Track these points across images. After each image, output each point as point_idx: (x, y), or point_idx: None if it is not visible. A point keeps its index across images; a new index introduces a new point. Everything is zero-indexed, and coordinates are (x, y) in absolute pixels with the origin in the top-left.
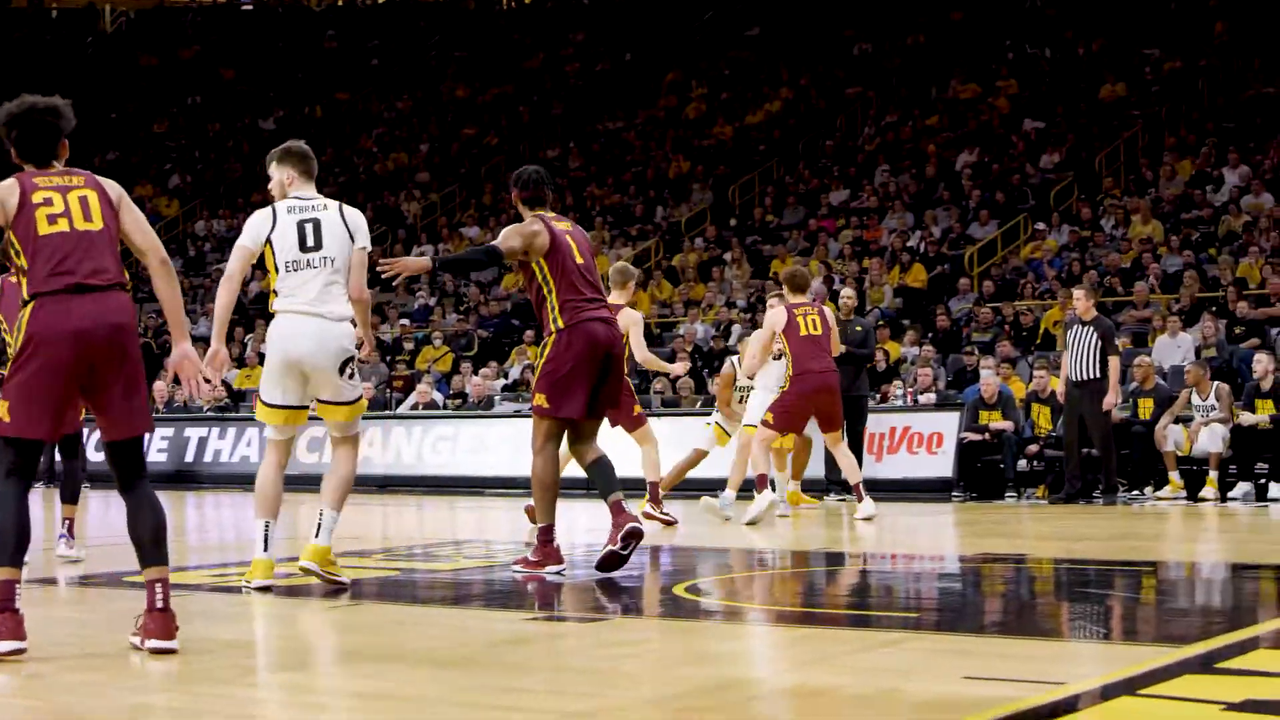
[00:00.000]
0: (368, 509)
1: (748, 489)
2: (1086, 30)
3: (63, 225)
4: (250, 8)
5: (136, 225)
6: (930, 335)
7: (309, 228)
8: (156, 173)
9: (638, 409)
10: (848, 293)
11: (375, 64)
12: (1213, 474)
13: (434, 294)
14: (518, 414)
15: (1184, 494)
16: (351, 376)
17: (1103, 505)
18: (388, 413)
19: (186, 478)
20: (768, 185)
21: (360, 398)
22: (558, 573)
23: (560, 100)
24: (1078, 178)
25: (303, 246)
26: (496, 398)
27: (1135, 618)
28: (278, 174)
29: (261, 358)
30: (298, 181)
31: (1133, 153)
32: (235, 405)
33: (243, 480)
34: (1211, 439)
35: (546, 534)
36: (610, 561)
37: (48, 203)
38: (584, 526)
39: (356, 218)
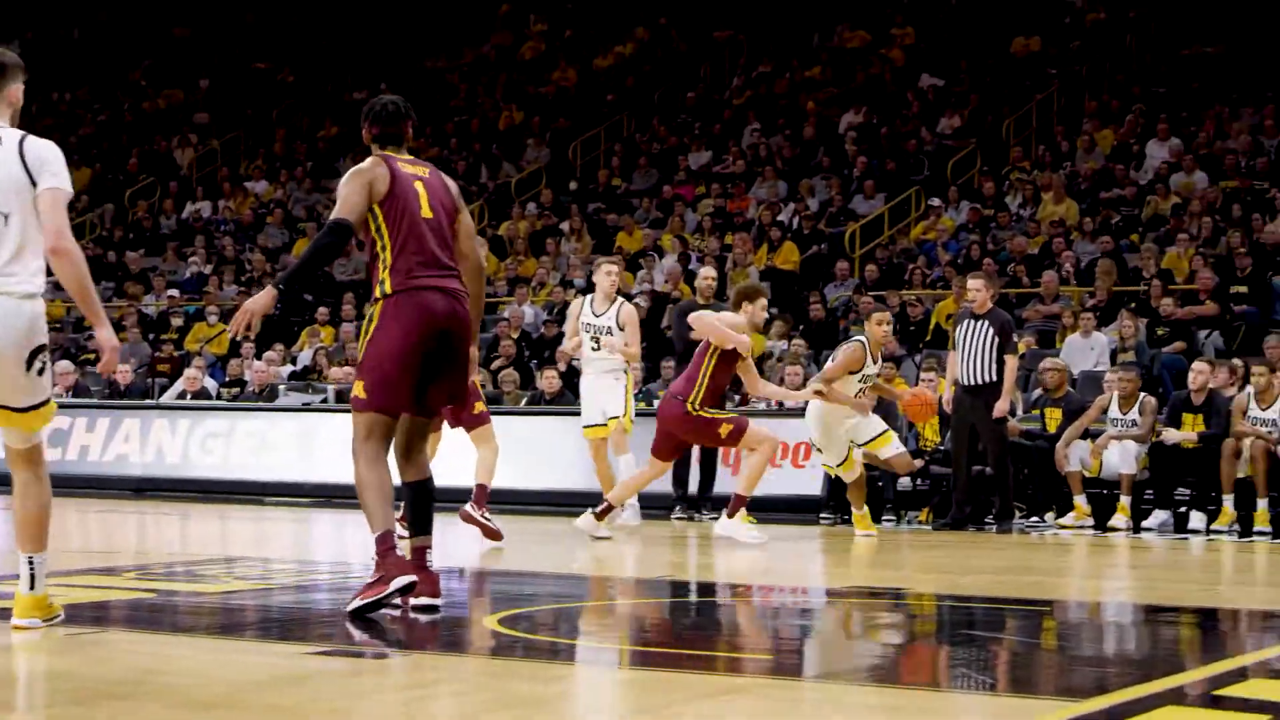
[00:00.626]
0: (121, 516)
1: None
2: None
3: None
4: None
5: None
6: (802, 327)
7: None
8: None
9: (480, 406)
10: (707, 273)
11: None
12: (1124, 499)
13: (209, 260)
14: (306, 407)
15: (1090, 522)
16: (41, 372)
17: (996, 533)
18: (148, 402)
19: None
20: (615, 143)
21: (49, 400)
22: (408, 585)
23: (371, 32)
24: (981, 146)
25: None
26: (282, 387)
27: (1028, 666)
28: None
29: None
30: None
31: (1046, 119)
32: None
33: None
34: (1124, 459)
35: (384, 542)
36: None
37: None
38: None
39: (41, 150)
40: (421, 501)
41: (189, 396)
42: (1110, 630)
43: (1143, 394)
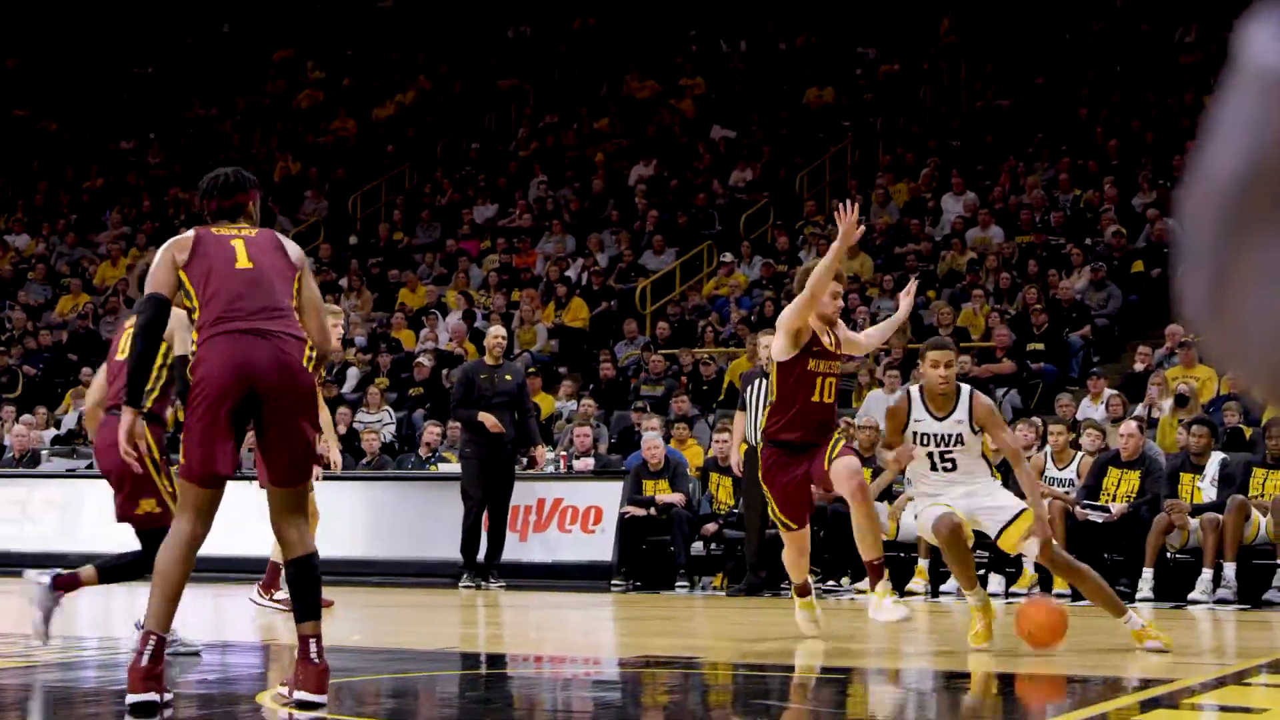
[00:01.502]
0: None
1: None
2: (789, 23)
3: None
4: None
5: None
6: (591, 387)
7: None
8: None
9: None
10: (497, 331)
11: None
12: (922, 563)
13: None
14: (71, 473)
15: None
16: None
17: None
18: None
19: None
20: (397, 195)
21: None
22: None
23: (140, 80)
24: (774, 200)
25: None
26: (44, 452)
27: None
28: None
29: None
30: None
31: (840, 172)
32: None
33: None
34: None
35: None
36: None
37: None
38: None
39: None
40: (305, 578)
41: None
42: (912, 698)
43: None
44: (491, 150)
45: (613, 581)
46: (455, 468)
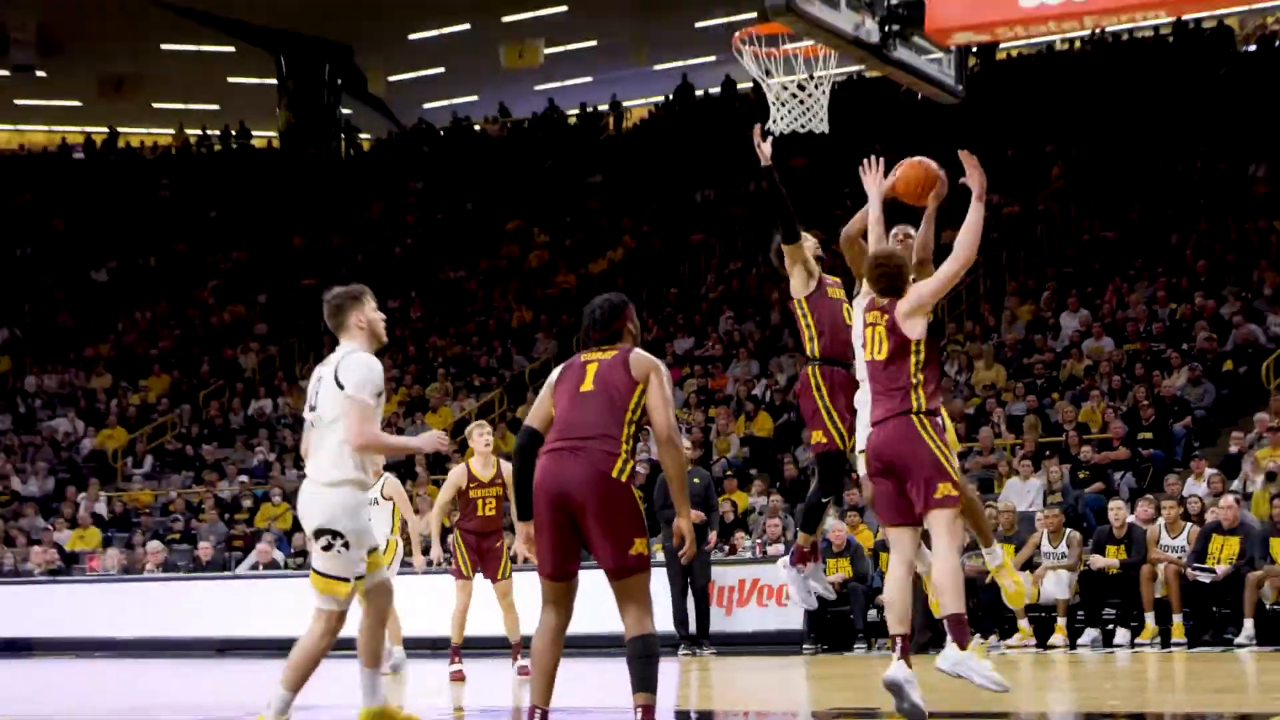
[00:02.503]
0: (202, 673)
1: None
2: None
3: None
4: (82, 156)
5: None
6: (778, 484)
7: (317, 386)
8: None
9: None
10: (685, 444)
11: (211, 214)
12: (1060, 620)
13: (273, 448)
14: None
15: (1033, 641)
16: (327, 548)
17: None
18: (225, 573)
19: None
20: None
21: (339, 578)
22: None
23: (401, 249)
24: None
25: (310, 408)
26: None
27: None
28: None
29: (95, 519)
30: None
31: (974, 297)
32: (68, 568)
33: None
34: (1058, 585)
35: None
36: None
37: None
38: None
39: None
40: (636, 659)
41: (261, 567)
42: None
43: (1068, 529)
44: (686, 293)
45: (803, 646)
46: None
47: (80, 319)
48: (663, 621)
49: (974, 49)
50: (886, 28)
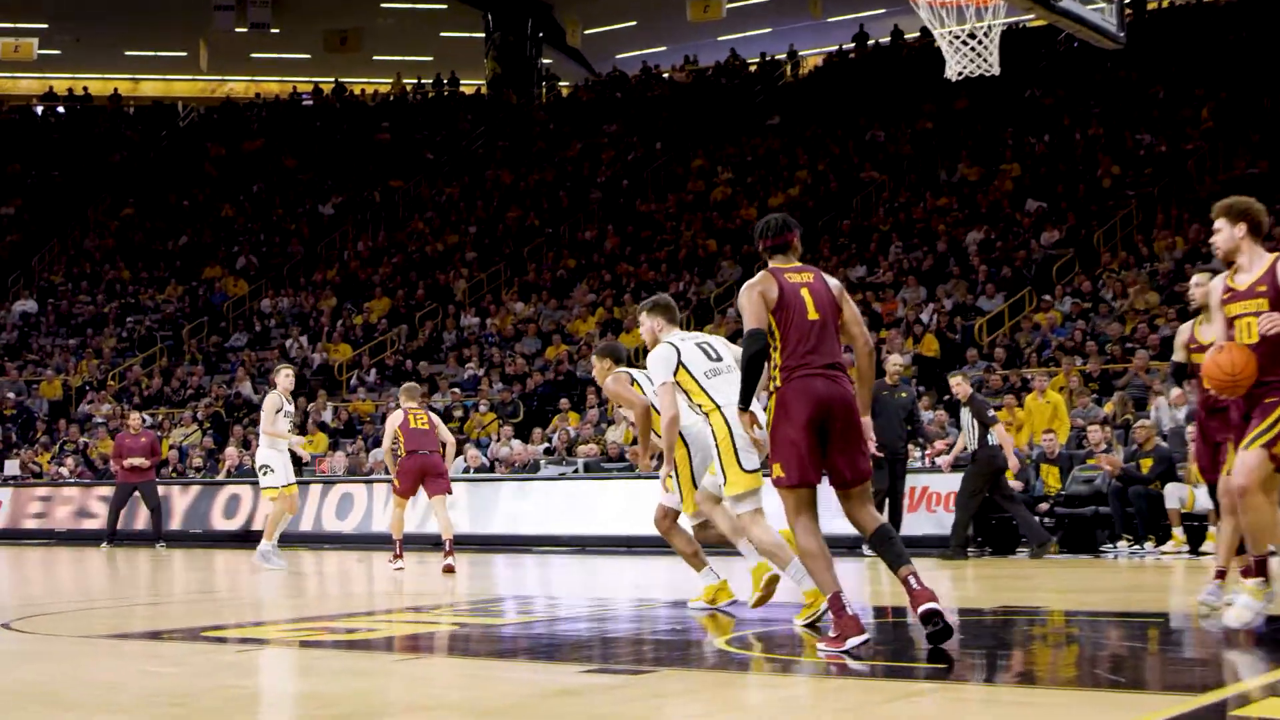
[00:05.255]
0: (427, 565)
1: None
2: (1082, 118)
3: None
4: (310, 103)
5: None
6: (943, 400)
7: (706, 347)
8: (225, 255)
9: None
10: (895, 360)
11: (426, 154)
12: (1213, 529)
13: (481, 364)
14: (562, 476)
15: (1186, 548)
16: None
17: (1112, 560)
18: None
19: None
20: None
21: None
22: (861, 643)
23: (597, 186)
24: (1078, 253)
25: (711, 360)
26: (541, 461)
27: (1151, 667)
28: (649, 321)
29: (322, 427)
30: (666, 327)
31: (1129, 229)
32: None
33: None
34: (1210, 496)
35: (836, 603)
36: (934, 637)
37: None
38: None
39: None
40: (886, 544)
41: (471, 471)
42: (1214, 638)
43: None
44: (858, 225)
45: (968, 549)
46: None
47: (309, 248)
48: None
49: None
50: None
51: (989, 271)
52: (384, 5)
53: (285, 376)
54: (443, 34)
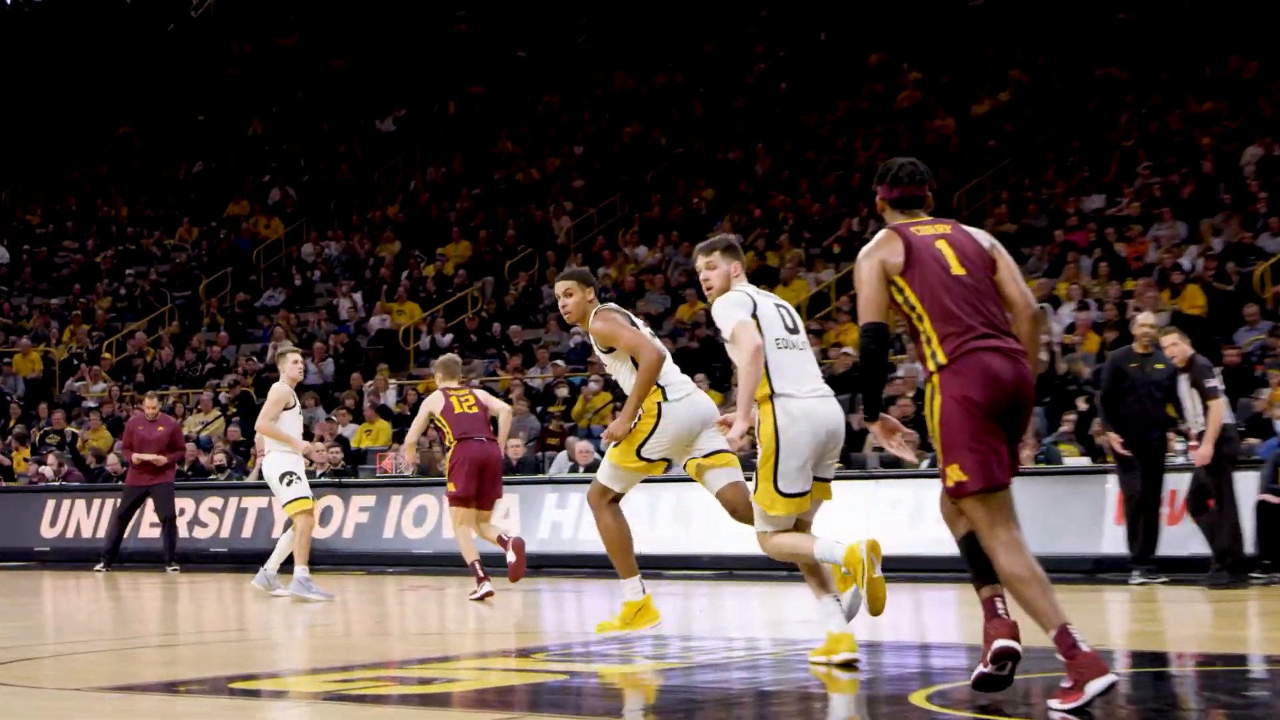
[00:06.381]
0: (516, 594)
1: None
2: None
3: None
4: None
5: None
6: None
7: (783, 312)
8: (253, 185)
9: None
10: (1145, 319)
11: (517, 52)
12: None
13: None
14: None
15: None
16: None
17: None
18: (539, 476)
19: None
20: (1001, 190)
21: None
22: (1106, 688)
23: (742, 90)
24: None
25: (787, 329)
26: None
27: None
28: (724, 264)
29: (382, 412)
30: (741, 276)
31: None
32: (354, 469)
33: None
34: None
35: (1066, 640)
36: (984, 683)
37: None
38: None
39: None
40: (979, 550)
41: (581, 469)
42: None
43: None
44: (1094, 140)
45: (1252, 574)
46: (1079, 461)
47: (364, 175)
48: (1074, 541)
49: None
50: None
51: (1272, 200)
52: None
53: (294, 364)
54: None
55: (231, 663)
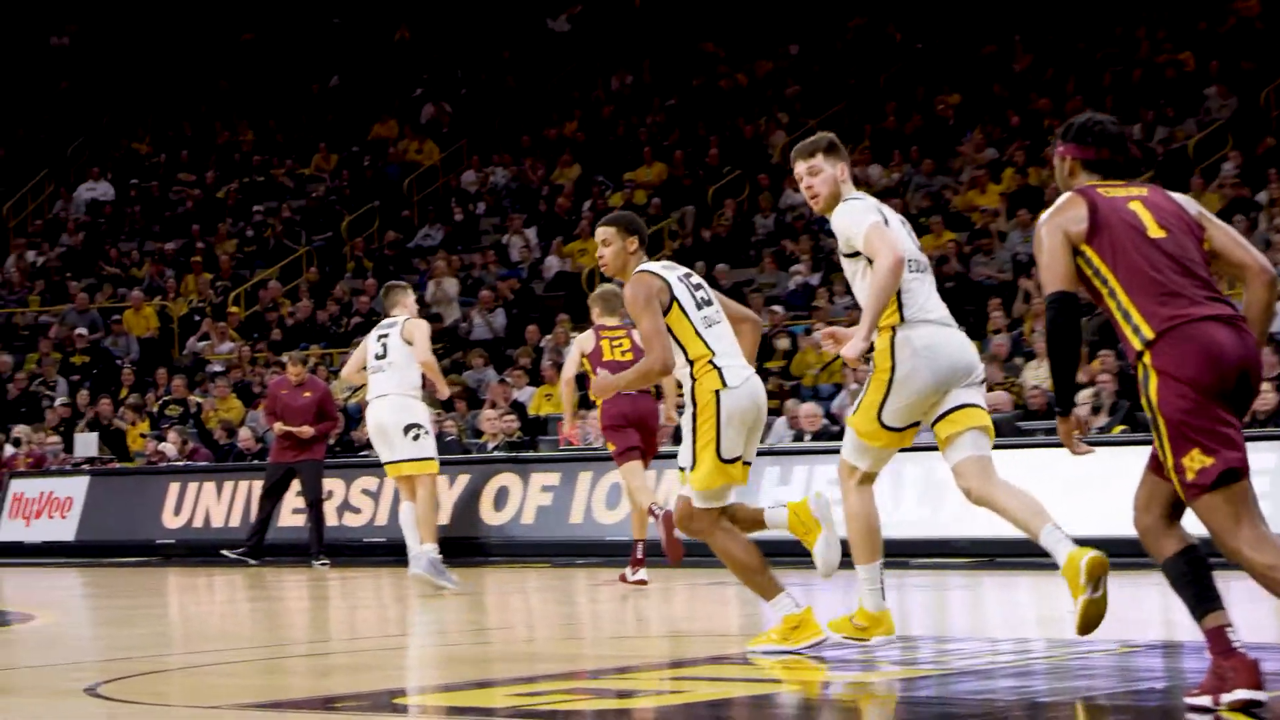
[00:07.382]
0: (696, 588)
1: None
2: None
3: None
4: None
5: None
6: None
7: (910, 230)
8: (402, 102)
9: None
10: None
11: None
12: None
13: (817, 266)
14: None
15: None
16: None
17: None
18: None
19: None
20: None
21: None
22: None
23: None
24: None
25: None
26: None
27: None
28: (829, 168)
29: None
30: (849, 180)
31: None
32: (533, 440)
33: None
34: None
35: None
36: None
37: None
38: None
39: None
40: (1200, 570)
41: (807, 437)
42: None
43: None
44: None
45: None
46: None
47: (534, 86)
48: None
49: None
50: None
51: None
52: None
53: (415, 303)
54: None
55: (394, 675)
